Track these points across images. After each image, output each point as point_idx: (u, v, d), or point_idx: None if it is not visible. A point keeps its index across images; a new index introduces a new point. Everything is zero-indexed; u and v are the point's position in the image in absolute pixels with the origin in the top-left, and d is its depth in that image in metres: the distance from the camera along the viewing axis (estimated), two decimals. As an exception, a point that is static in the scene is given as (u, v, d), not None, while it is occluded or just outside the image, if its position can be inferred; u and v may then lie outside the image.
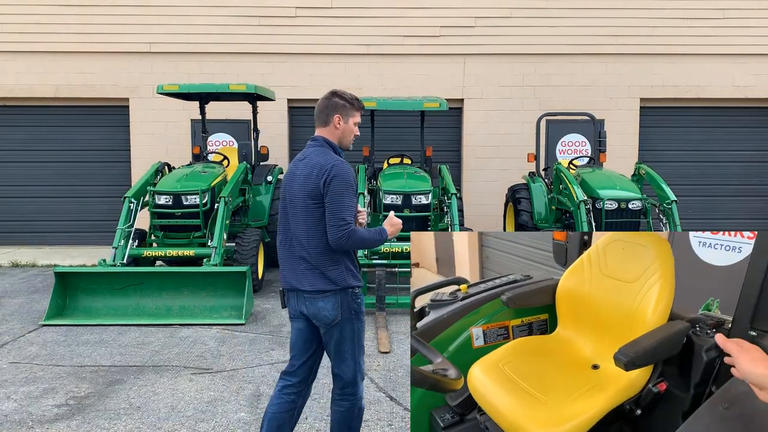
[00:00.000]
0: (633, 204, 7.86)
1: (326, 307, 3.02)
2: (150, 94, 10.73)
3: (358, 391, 3.16)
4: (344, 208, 2.96)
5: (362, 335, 3.17)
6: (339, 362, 3.11)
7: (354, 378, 3.13)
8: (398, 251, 7.56)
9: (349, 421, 3.17)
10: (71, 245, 11.37)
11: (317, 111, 3.22)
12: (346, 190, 2.98)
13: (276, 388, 3.24)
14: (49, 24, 11.03)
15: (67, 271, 6.74)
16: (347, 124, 3.19)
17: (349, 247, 3.01)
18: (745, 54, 11.28)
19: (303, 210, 3.04)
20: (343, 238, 2.95)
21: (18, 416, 4.20)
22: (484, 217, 11.05)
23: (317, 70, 11.21)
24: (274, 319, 6.67)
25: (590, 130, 9.97)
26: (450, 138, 11.68)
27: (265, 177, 9.20)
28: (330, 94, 3.22)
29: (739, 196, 11.79)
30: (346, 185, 2.98)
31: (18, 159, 11.46)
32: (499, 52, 11.25)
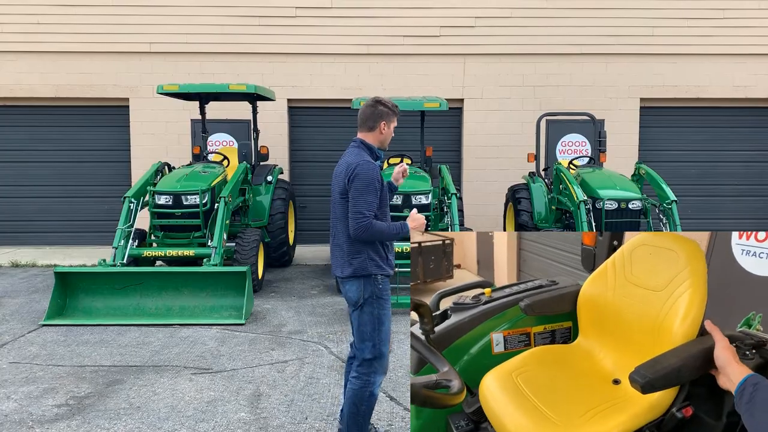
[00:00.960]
0: (633, 204, 7.86)
1: (351, 290, 3.39)
2: (150, 94, 10.73)
3: (372, 374, 3.37)
4: (363, 203, 3.29)
5: (384, 320, 3.39)
6: (359, 341, 3.41)
7: (370, 359, 3.36)
8: (398, 251, 7.55)
9: (359, 401, 3.38)
10: (71, 245, 11.37)
11: (363, 117, 3.56)
12: (366, 187, 3.31)
13: (347, 374, 3.58)
14: (49, 24, 11.03)
15: (67, 271, 6.74)
16: (389, 129, 3.59)
17: (367, 239, 3.32)
18: (745, 54, 11.28)
19: (337, 204, 3.46)
20: (360, 230, 3.28)
21: (18, 416, 4.20)
22: (484, 217, 11.05)
23: (317, 70, 11.21)
24: (274, 319, 6.67)
25: (590, 130, 9.97)
26: (450, 138, 11.68)
27: (265, 177, 9.20)
28: (375, 103, 3.55)
29: (739, 196, 11.79)
30: (367, 183, 3.31)
31: (18, 159, 11.45)
32: (499, 52, 11.24)
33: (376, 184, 3.37)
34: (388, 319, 3.42)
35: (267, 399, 4.47)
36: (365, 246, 3.37)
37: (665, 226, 7.93)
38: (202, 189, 7.73)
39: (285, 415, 4.14)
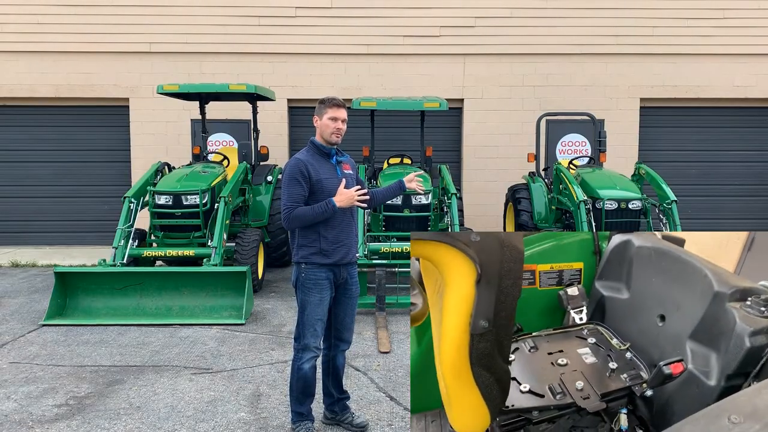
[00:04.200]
0: (633, 204, 7.86)
1: (293, 274, 3.77)
2: (150, 94, 10.73)
3: (299, 351, 3.70)
4: (285, 196, 3.62)
5: (306, 306, 3.65)
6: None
7: (296, 338, 3.72)
8: (398, 251, 7.55)
9: (292, 376, 3.75)
10: (71, 245, 11.38)
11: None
12: (287, 182, 3.61)
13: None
14: (49, 24, 11.03)
15: (67, 271, 6.73)
16: (322, 120, 3.73)
17: (296, 225, 3.63)
18: (745, 54, 11.28)
19: None
20: (285, 220, 3.62)
21: (18, 416, 4.20)
22: (484, 217, 11.05)
23: (317, 70, 11.21)
24: (274, 319, 6.67)
25: (590, 130, 9.97)
26: (450, 138, 11.68)
27: (265, 177, 9.20)
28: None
29: (740, 196, 11.79)
30: (287, 178, 3.62)
31: (18, 159, 11.45)
32: (499, 52, 11.24)
33: (296, 176, 3.59)
34: (310, 306, 3.64)
35: (267, 399, 4.47)
36: (299, 235, 3.68)
37: (665, 226, 7.93)
38: (202, 189, 7.72)
39: (285, 415, 4.14)
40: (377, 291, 6.78)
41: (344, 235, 3.71)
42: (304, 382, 3.71)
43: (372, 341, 5.85)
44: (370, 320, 6.55)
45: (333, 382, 3.94)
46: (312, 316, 3.65)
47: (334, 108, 3.69)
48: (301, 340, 3.68)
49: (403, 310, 6.88)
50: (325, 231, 3.64)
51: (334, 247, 3.66)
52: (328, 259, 3.65)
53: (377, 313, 6.71)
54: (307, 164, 3.64)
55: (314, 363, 3.72)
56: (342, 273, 3.75)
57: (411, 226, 7.92)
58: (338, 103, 3.72)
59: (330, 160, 3.78)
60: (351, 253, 3.77)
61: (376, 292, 6.79)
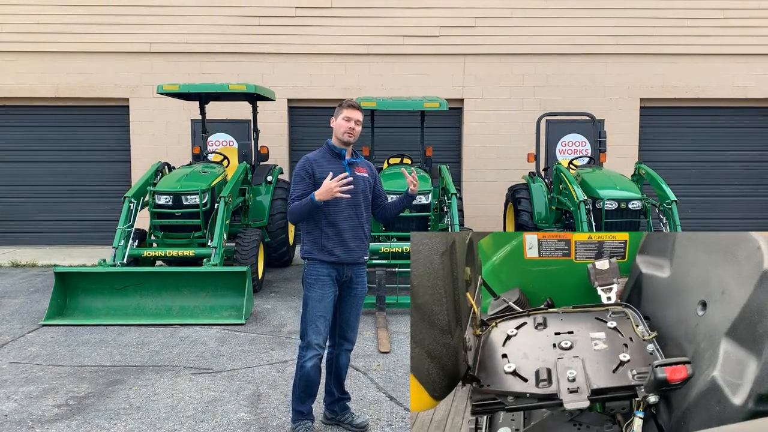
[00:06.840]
0: (633, 204, 7.85)
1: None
2: (150, 94, 10.72)
3: (302, 349, 3.73)
4: (291, 193, 3.78)
5: (308, 302, 3.71)
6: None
7: (301, 336, 3.77)
8: (398, 251, 7.55)
9: (296, 373, 3.78)
10: (71, 245, 11.37)
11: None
12: (294, 179, 3.77)
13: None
14: (49, 24, 11.03)
15: (67, 271, 6.73)
16: (337, 121, 3.82)
17: (293, 219, 3.77)
18: (745, 54, 11.28)
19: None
20: (287, 215, 3.94)
21: (18, 416, 4.20)
22: (484, 217, 11.05)
23: (317, 70, 11.21)
24: (274, 319, 6.67)
25: (590, 130, 9.96)
26: (450, 138, 11.67)
27: (265, 177, 9.19)
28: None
29: (740, 196, 11.79)
30: (293, 174, 3.79)
31: (18, 159, 11.45)
32: (499, 52, 11.24)
33: (301, 173, 3.75)
34: (311, 302, 3.70)
35: (267, 399, 4.47)
36: (304, 231, 3.79)
37: (665, 226, 7.93)
38: (202, 189, 7.72)
39: (285, 415, 4.14)
40: (377, 291, 6.78)
41: (347, 233, 3.71)
42: (307, 380, 3.72)
43: (372, 341, 5.85)
44: (370, 320, 6.55)
45: (335, 381, 3.93)
46: (313, 312, 3.69)
47: (349, 109, 3.80)
48: (304, 337, 3.72)
49: (403, 310, 6.87)
50: (326, 228, 3.70)
51: (335, 246, 3.69)
52: (329, 256, 3.69)
53: (377, 313, 6.71)
54: (314, 163, 3.76)
55: (317, 362, 3.71)
56: (346, 272, 3.75)
57: (411, 226, 7.91)
58: (353, 104, 3.84)
59: (341, 161, 3.80)
60: (356, 254, 3.76)
61: (376, 292, 6.79)
